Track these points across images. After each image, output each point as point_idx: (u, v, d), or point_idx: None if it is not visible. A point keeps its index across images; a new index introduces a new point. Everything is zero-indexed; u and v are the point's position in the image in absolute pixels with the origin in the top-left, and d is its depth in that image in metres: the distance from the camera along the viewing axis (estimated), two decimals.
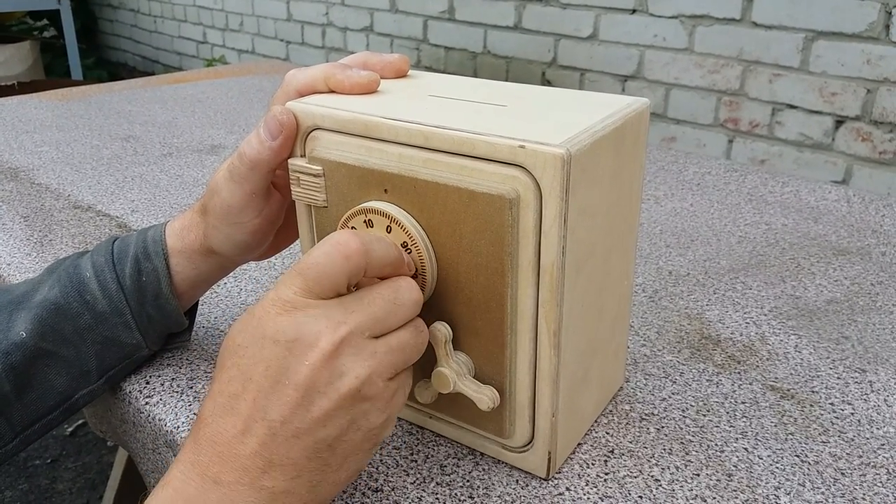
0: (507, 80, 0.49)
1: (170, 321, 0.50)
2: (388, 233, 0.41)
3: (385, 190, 0.41)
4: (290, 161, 0.44)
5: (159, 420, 0.49)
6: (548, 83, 2.09)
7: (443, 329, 0.41)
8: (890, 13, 1.47)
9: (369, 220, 0.41)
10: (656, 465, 0.45)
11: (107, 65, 4.27)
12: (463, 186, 0.38)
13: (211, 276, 0.51)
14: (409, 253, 0.40)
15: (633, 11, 1.87)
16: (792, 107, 1.66)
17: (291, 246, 0.52)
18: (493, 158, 0.37)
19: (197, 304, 0.55)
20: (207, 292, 0.64)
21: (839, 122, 1.60)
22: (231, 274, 0.67)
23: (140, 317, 0.49)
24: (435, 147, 0.39)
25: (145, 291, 0.48)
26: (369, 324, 0.35)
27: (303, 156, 0.44)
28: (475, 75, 2.28)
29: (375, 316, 0.36)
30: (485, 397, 0.41)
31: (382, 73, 0.47)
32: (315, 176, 0.43)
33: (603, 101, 0.43)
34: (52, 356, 0.48)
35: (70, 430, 1.65)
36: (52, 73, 3.70)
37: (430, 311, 0.42)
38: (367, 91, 0.44)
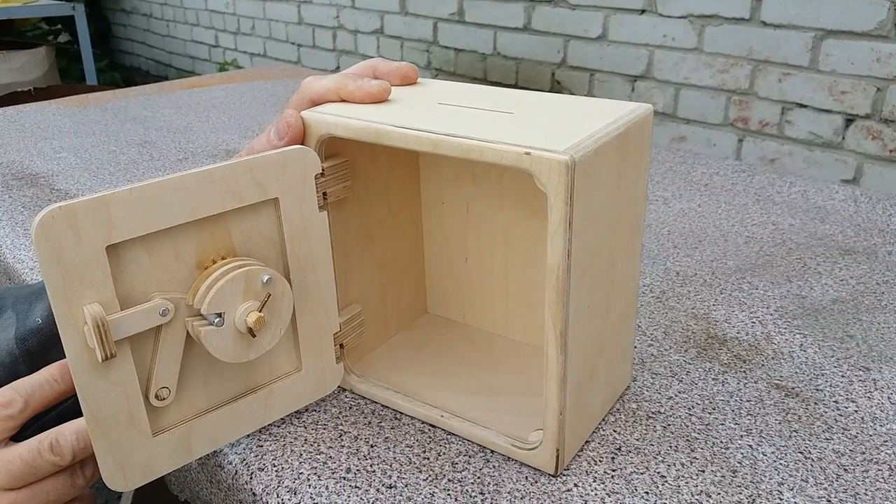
0: (516, 81, 0.51)
1: None
2: None
3: None
4: None
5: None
6: (557, 84, 2.10)
7: None
8: None
9: None
10: (662, 461, 0.46)
11: (121, 69, 4.31)
12: None
13: None
14: None
15: (643, 12, 1.87)
16: (802, 106, 1.66)
17: None
18: (501, 164, 0.39)
19: None
20: None
21: (849, 120, 1.60)
22: None
23: None
24: (444, 154, 0.40)
25: None
26: None
27: None
28: (485, 76, 2.29)
29: None
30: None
31: (392, 82, 0.48)
32: None
33: (607, 107, 0.45)
34: None
35: None
36: (67, 77, 3.74)
37: None
38: (377, 100, 0.46)
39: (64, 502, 0.41)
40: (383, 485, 0.44)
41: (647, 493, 0.43)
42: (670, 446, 0.47)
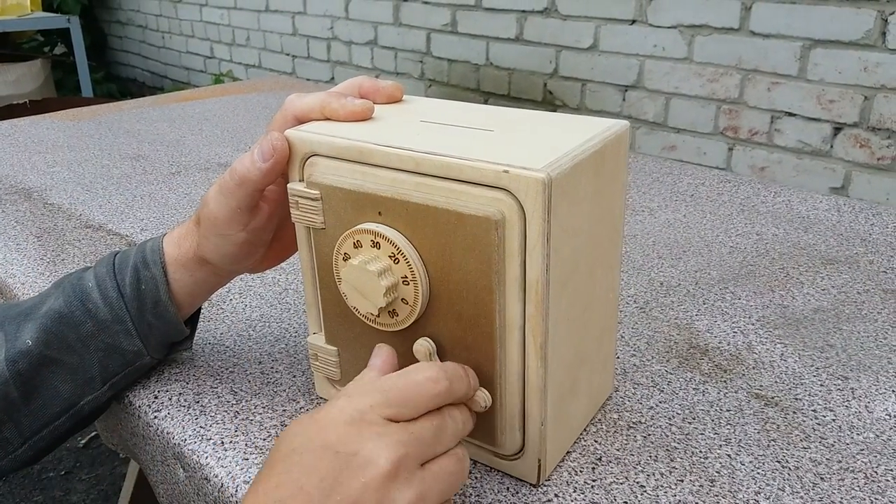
0: (509, 91, 0.52)
1: (170, 329, 0.52)
2: (378, 248, 0.43)
3: (379, 212, 0.43)
4: (289, 186, 0.46)
5: (167, 433, 0.51)
6: (550, 94, 2.12)
7: (425, 344, 0.43)
8: (886, 21, 1.49)
9: (358, 241, 0.43)
10: (642, 471, 0.47)
11: (117, 80, 4.32)
12: (452, 208, 0.40)
13: (207, 285, 0.52)
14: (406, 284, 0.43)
15: (633, 22, 1.89)
16: (790, 114, 1.68)
17: (292, 261, 0.54)
18: (480, 182, 0.40)
19: (199, 314, 0.57)
20: (213, 308, 0.66)
21: (837, 128, 1.61)
22: (236, 291, 0.69)
23: (140, 324, 0.51)
24: (425, 172, 0.41)
25: (144, 299, 0.51)
26: (423, 452, 0.37)
27: (301, 180, 0.46)
28: (478, 87, 2.30)
29: (429, 443, 0.37)
30: (478, 398, 0.43)
31: (376, 100, 0.49)
32: (313, 200, 0.45)
33: (584, 124, 0.46)
34: (57, 363, 0.50)
35: (83, 441, 1.68)
36: (63, 89, 3.75)
37: (425, 326, 0.44)
38: (360, 119, 0.47)
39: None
40: None
41: (626, 502, 0.44)
42: (650, 456, 0.48)
